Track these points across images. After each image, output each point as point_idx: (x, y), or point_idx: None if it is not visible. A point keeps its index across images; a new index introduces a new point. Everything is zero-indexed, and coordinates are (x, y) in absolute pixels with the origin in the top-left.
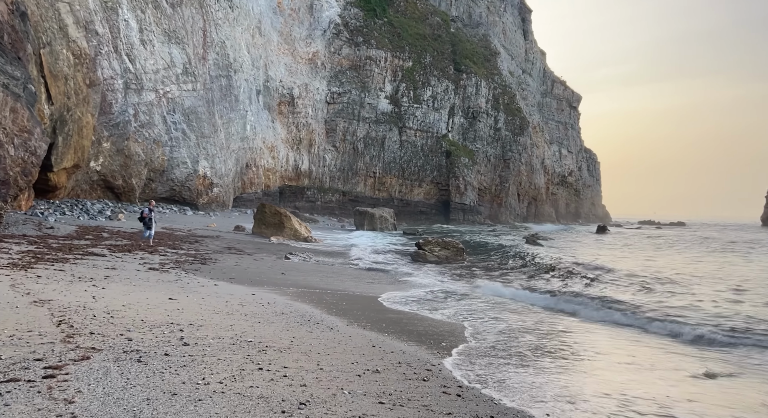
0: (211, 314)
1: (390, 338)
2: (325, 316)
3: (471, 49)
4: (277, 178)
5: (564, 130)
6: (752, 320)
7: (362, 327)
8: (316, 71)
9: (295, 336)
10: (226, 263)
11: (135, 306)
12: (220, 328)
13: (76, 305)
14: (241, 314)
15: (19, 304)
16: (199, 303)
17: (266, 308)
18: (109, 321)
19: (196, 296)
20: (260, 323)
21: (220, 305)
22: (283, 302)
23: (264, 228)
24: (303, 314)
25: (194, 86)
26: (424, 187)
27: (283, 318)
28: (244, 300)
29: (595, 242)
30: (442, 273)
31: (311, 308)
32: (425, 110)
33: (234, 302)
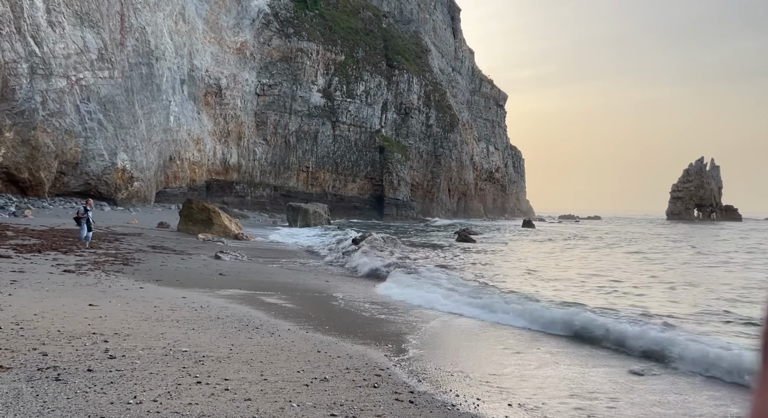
0: (138, 321)
1: (335, 340)
2: (264, 319)
3: (403, 45)
4: (204, 172)
5: (491, 127)
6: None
7: (305, 330)
8: (245, 62)
9: (235, 343)
10: (151, 264)
11: (49, 315)
12: (149, 337)
13: (17, 320)
14: (172, 320)
15: None
16: (123, 309)
17: (200, 312)
18: (19, 333)
19: (120, 301)
20: (194, 330)
21: (148, 311)
22: (218, 305)
23: (191, 225)
24: (240, 318)
25: (111, 74)
26: (357, 182)
27: (219, 323)
28: (175, 304)
29: (527, 240)
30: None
31: (249, 311)
32: (358, 105)
33: (163, 307)
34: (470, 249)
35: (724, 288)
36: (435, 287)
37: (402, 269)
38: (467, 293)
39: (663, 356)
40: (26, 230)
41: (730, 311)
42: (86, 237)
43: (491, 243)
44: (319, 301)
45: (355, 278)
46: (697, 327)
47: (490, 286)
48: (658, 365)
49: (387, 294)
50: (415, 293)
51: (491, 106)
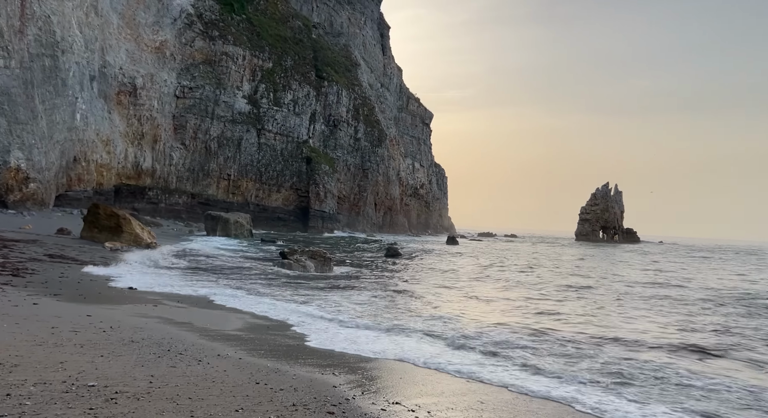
0: (30, 346)
1: (275, 367)
2: (188, 341)
3: (332, 57)
4: (113, 176)
5: (417, 144)
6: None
7: (237, 354)
8: (164, 62)
9: (155, 374)
10: (48, 275)
11: None
12: (45, 367)
13: None
14: (75, 344)
15: None
16: (11, 331)
17: (110, 334)
18: None
19: (7, 321)
20: (104, 357)
21: (43, 333)
22: (132, 324)
23: (96, 232)
24: (160, 341)
25: (7, 63)
26: (282, 192)
27: (135, 348)
28: (78, 324)
29: (450, 255)
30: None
31: (169, 331)
32: (286, 114)
33: (64, 328)
34: (397, 268)
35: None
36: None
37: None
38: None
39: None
40: None
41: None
42: None
43: (419, 261)
44: (249, 321)
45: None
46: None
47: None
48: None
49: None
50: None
51: (417, 124)
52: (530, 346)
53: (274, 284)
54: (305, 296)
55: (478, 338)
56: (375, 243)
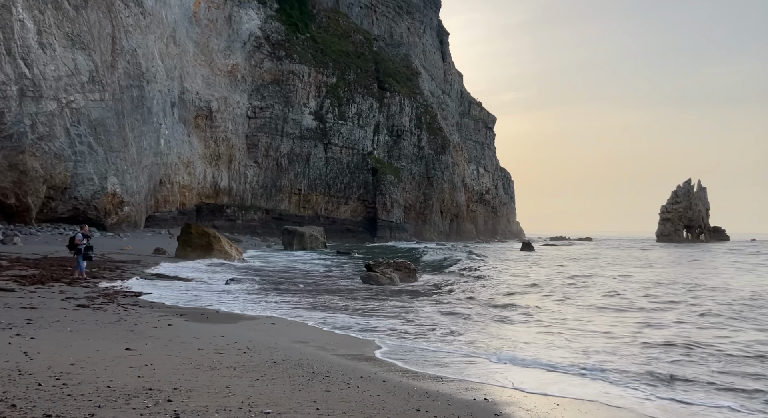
0: (191, 369)
1: (429, 388)
2: (326, 360)
3: (393, 68)
4: (194, 196)
5: (481, 149)
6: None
7: (380, 376)
8: (236, 84)
9: (317, 400)
10: (164, 293)
11: (88, 364)
12: (215, 392)
13: (7, 368)
14: (227, 367)
15: None
16: (167, 354)
17: (251, 355)
18: (63, 391)
19: (157, 343)
20: (260, 381)
21: (194, 356)
22: (264, 343)
23: (190, 251)
24: (300, 362)
25: (102, 96)
26: (350, 204)
27: (281, 370)
28: (218, 345)
29: (527, 260)
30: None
31: (300, 350)
32: (350, 127)
33: (209, 350)
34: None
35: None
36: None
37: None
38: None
39: None
40: (19, 258)
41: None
42: (81, 267)
43: (501, 268)
44: (366, 338)
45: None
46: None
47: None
48: None
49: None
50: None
51: (480, 128)
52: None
53: (380, 299)
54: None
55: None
56: (447, 250)
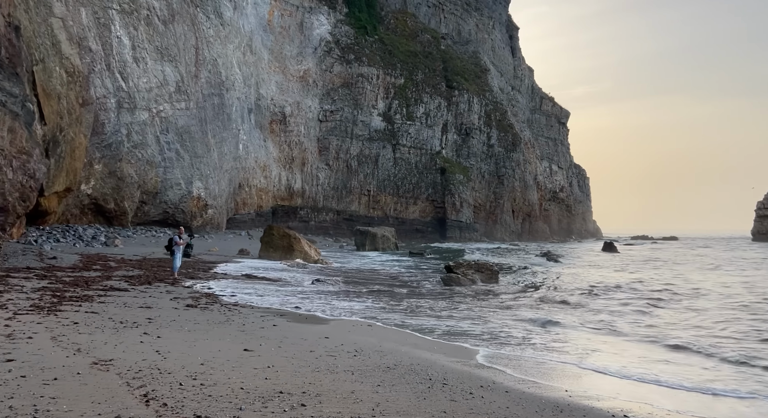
0: (311, 372)
1: (552, 397)
2: (438, 366)
3: (462, 66)
4: (270, 198)
5: (554, 146)
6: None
7: (500, 386)
8: (307, 89)
9: (446, 410)
10: (259, 292)
11: (216, 364)
12: (343, 397)
13: (147, 367)
14: (344, 371)
15: (78, 367)
16: (283, 356)
17: (362, 359)
18: (203, 391)
19: (270, 345)
20: (381, 387)
21: (309, 358)
22: (369, 345)
23: (272, 251)
24: (413, 368)
25: (187, 105)
26: (419, 204)
27: (397, 375)
28: (327, 348)
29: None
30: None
31: (410, 354)
32: (418, 127)
33: (321, 352)
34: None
35: None
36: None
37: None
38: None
39: None
40: (123, 259)
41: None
42: (176, 267)
43: (587, 269)
44: (470, 344)
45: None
46: None
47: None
48: None
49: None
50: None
51: (553, 124)
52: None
53: (466, 301)
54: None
55: None
56: (522, 251)
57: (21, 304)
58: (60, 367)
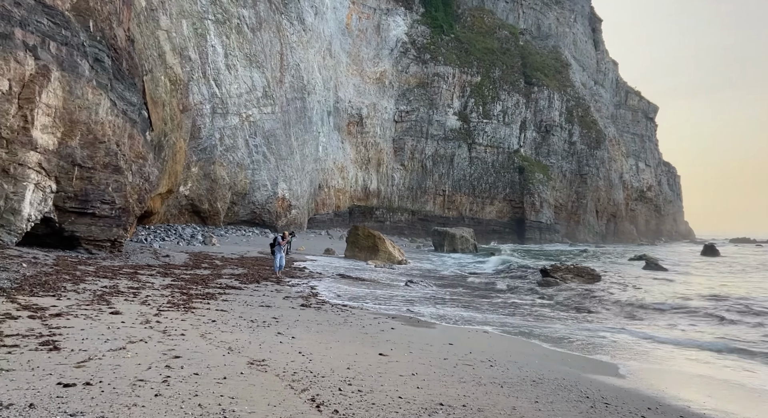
0: (458, 383)
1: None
2: (585, 382)
3: (541, 61)
4: (347, 199)
5: (641, 142)
6: None
7: (673, 405)
8: (383, 90)
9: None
10: (360, 294)
11: (360, 369)
12: (506, 414)
13: (299, 369)
14: (492, 383)
15: (238, 367)
16: (420, 362)
17: (500, 370)
18: (365, 399)
19: (399, 350)
20: (540, 403)
21: (446, 366)
22: (498, 354)
23: (357, 251)
24: (559, 382)
25: (273, 109)
26: (496, 204)
27: (549, 392)
28: (458, 355)
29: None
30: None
31: (548, 366)
32: (495, 125)
33: (453, 360)
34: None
35: None
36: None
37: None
38: None
39: None
40: (224, 258)
41: None
42: (279, 266)
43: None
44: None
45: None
46: None
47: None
48: None
49: None
50: None
51: (639, 120)
52: None
53: (580, 310)
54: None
55: None
56: (611, 253)
57: (159, 301)
58: (222, 366)
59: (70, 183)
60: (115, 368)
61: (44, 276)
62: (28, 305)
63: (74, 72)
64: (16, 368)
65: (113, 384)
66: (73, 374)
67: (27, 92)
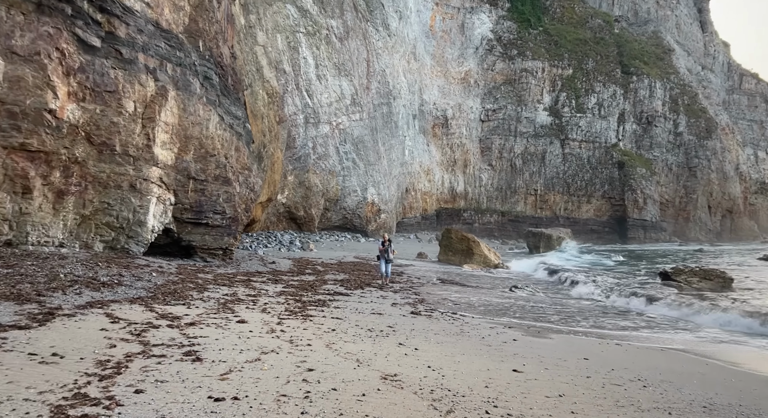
0: (616, 408)
1: None
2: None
3: (640, 48)
4: (434, 202)
5: (759, 130)
6: None
7: None
8: (469, 90)
9: None
10: (466, 300)
11: (499, 387)
12: None
13: (435, 386)
14: (657, 408)
15: (372, 382)
16: (562, 381)
17: (660, 392)
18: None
19: (533, 365)
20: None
21: (593, 386)
22: (652, 375)
23: (451, 255)
24: (735, 408)
25: (361, 116)
26: (593, 203)
27: (732, 414)
28: (600, 372)
29: None
30: None
31: (708, 385)
32: (590, 119)
33: (597, 378)
34: None
35: None
36: None
37: None
38: None
39: None
40: (324, 263)
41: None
42: (386, 272)
43: None
44: None
45: None
46: None
47: None
48: None
49: None
50: None
51: (757, 105)
52: None
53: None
54: None
55: None
56: (731, 253)
57: (277, 308)
58: (356, 380)
59: (186, 195)
60: (256, 381)
61: (172, 285)
62: (164, 314)
63: (187, 90)
64: (168, 379)
65: (259, 399)
66: (220, 388)
67: (149, 112)
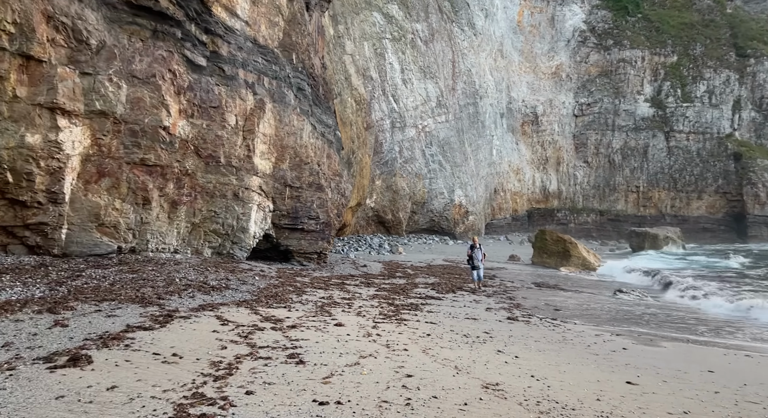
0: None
1: None
2: None
3: (758, 28)
4: (524, 202)
5: None
6: None
7: None
8: (560, 85)
9: None
10: (566, 305)
11: (612, 401)
12: None
13: (541, 397)
14: None
15: (473, 391)
16: (685, 396)
17: None
18: None
19: (648, 377)
20: None
21: (723, 403)
22: None
23: (546, 257)
24: None
25: (446, 117)
26: (705, 199)
27: None
28: (729, 387)
29: None
30: None
31: None
32: (699, 109)
33: (727, 394)
34: None
35: None
36: None
37: None
38: None
39: None
40: (413, 266)
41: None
42: (478, 276)
43: None
44: None
45: None
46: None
47: None
48: None
49: None
50: None
51: None
52: None
53: None
54: None
55: None
56: None
57: (371, 312)
58: (456, 388)
59: (283, 202)
60: (356, 385)
61: (273, 288)
62: (268, 317)
63: (282, 102)
64: (275, 381)
65: (361, 404)
66: (323, 391)
67: (248, 124)
